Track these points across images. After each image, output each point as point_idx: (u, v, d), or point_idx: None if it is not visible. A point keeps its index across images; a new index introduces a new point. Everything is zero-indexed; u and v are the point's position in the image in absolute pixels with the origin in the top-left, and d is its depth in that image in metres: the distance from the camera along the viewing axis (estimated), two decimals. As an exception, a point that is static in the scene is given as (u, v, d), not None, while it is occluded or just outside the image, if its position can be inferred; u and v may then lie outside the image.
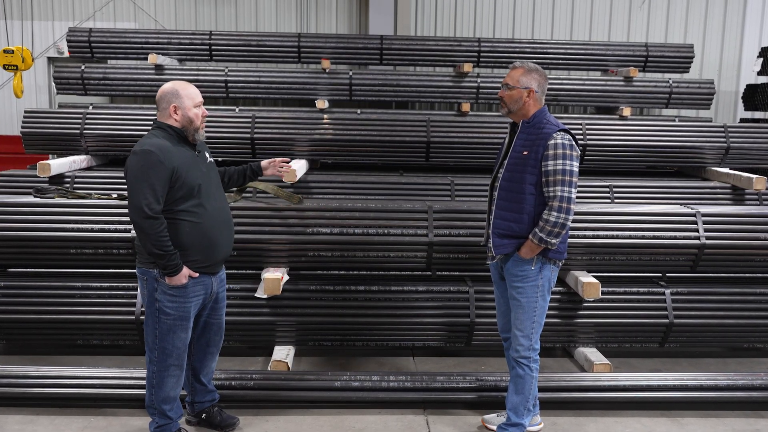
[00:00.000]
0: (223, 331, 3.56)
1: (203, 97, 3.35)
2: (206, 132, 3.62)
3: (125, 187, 3.14)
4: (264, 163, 3.83)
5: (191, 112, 3.21)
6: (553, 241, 3.27)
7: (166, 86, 3.25)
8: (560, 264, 3.44)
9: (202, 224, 3.20)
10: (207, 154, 3.40)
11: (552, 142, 3.25)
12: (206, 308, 3.40)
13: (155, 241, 3.05)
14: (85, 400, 3.79)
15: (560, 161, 3.23)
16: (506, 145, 3.50)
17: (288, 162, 3.89)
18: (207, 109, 3.33)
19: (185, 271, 3.16)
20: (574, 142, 3.30)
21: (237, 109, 7.44)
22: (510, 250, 3.38)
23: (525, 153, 3.32)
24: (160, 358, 3.25)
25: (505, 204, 3.37)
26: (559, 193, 3.23)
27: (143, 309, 4.25)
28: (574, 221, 4.46)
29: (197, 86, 3.37)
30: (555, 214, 3.23)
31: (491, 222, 3.45)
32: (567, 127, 3.35)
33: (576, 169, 3.26)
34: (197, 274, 3.21)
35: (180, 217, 3.15)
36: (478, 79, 7.75)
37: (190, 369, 3.49)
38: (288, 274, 4.47)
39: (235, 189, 4.44)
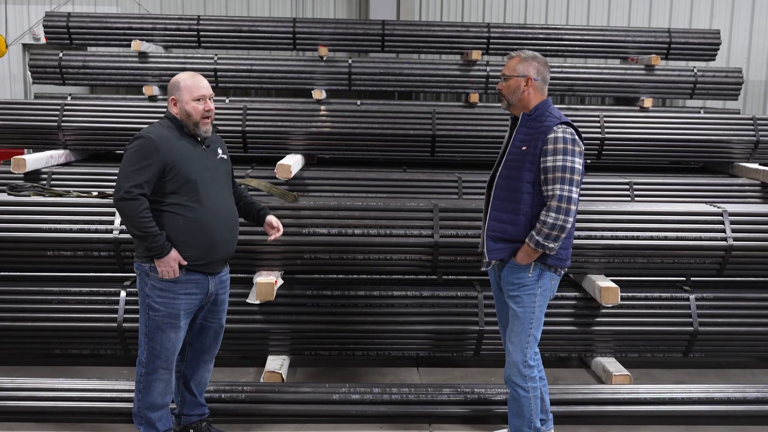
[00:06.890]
0: (220, 339, 3.59)
1: None
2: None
3: (108, 183, 3.18)
4: (269, 218, 3.66)
5: (189, 105, 3.29)
6: (552, 245, 3.18)
7: (175, 77, 3.38)
8: (561, 272, 3.37)
9: (197, 219, 3.25)
10: (220, 150, 3.47)
11: (552, 135, 3.18)
12: (203, 309, 3.45)
13: (135, 221, 3.15)
14: (63, 413, 3.79)
15: (560, 157, 3.15)
16: (506, 140, 3.45)
17: (279, 233, 3.67)
18: None
19: (174, 254, 3.20)
20: (576, 137, 3.22)
21: (227, 100, 7.45)
22: (505, 255, 3.31)
23: (524, 148, 3.26)
24: (149, 359, 3.31)
25: (502, 204, 3.32)
26: (558, 192, 3.15)
27: (126, 316, 4.30)
28: (591, 221, 4.47)
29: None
30: (553, 215, 3.15)
31: (486, 224, 3.40)
32: (571, 120, 3.28)
33: (578, 167, 3.18)
34: (186, 262, 3.25)
35: (173, 211, 3.23)
36: (488, 68, 7.75)
37: (181, 377, 3.52)
38: (282, 278, 4.48)
39: None
